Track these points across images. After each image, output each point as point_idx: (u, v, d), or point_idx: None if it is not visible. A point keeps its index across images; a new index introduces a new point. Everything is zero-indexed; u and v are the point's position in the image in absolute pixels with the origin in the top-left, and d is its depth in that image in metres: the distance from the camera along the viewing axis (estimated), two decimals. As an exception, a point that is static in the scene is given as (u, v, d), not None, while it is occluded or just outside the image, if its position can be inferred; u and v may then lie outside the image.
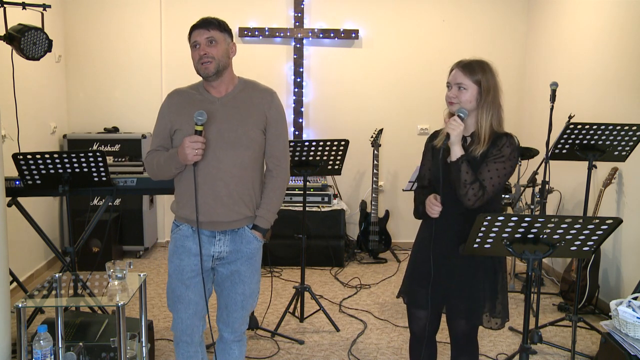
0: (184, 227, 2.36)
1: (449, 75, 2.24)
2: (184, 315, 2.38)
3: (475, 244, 2.02)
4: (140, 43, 5.38)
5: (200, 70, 2.26)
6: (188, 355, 2.46)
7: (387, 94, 5.52)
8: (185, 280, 2.35)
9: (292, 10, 5.42)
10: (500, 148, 2.15)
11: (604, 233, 1.97)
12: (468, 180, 2.10)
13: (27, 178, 3.06)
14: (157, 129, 2.38)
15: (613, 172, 3.86)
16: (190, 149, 2.18)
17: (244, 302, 2.42)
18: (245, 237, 2.37)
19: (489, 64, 2.22)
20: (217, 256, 2.36)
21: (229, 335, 2.47)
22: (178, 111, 2.32)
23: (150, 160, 2.37)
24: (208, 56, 2.23)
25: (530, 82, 5.47)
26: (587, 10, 4.43)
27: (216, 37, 2.24)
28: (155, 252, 5.44)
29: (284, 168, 2.43)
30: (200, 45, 2.24)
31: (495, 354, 3.40)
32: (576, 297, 3.31)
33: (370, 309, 4.11)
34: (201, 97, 2.33)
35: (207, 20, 2.26)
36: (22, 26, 3.05)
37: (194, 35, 2.26)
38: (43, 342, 2.19)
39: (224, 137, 2.27)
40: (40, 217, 4.44)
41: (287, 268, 4.97)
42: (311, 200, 5.14)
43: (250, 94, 2.36)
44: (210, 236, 2.34)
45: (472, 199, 2.11)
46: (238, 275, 2.38)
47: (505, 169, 2.14)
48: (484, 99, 2.17)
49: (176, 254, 2.37)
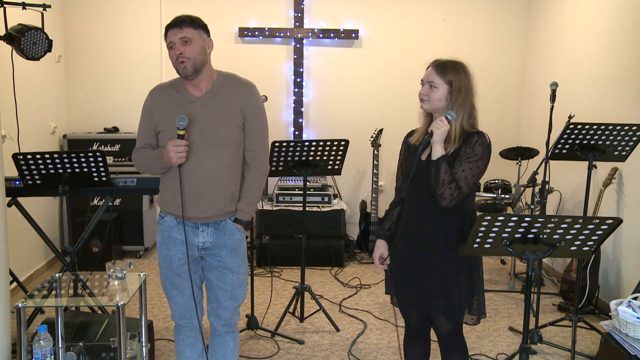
0: (168, 219, 2.42)
1: (425, 72, 2.27)
2: (180, 300, 2.45)
3: (475, 244, 2.03)
4: (140, 43, 5.38)
5: (178, 70, 2.29)
6: (189, 342, 2.50)
7: (387, 94, 5.52)
8: (175, 269, 2.42)
9: (292, 10, 5.42)
10: (473, 146, 2.17)
11: (604, 233, 1.97)
12: (446, 180, 2.13)
13: (27, 178, 3.06)
14: (142, 126, 2.44)
15: (613, 172, 3.86)
16: (174, 153, 2.24)
17: (234, 292, 2.46)
18: (228, 229, 2.42)
19: (464, 65, 2.24)
20: (202, 246, 2.41)
21: (221, 328, 2.51)
22: (161, 110, 2.37)
23: (137, 158, 2.43)
24: (184, 56, 2.24)
25: (530, 82, 5.47)
26: (587, 11, 4.43)
27: (190, 35, 2.25)
28: (155, 252, 5.44)
29: (262, 161, 2.47)
30: (175, 45, 2.26)
31: (495, 354, 3.40)
32: (576, 297, 3.31)
33: (370, 309, 4.11)
34: (181, 96, 2.36)
35: (180, 19, 2.27)
36: (22, 26, 3.05)
37: (169, 35, 2.28)
38: (43, 342, 2.19)
39: (206, 137, 2.31)
40: (40, 217, 4.44)
41: (287, 268, 4.97)
42: (311, 200, 5.14)
43: (229, 90, 2.37)
44: (194, 227, 2.39)
45: (449, 198, 2.14)
46: (225, 266, 2.42)
47: (479, 167, 2.18)
48: (454, 99, 2.20)
49: (163, 244, 2.43)
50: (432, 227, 2.24)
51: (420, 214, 2.26)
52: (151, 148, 2.42)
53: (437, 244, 2.23)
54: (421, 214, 2.26)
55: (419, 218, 2.26)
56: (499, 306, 4.18)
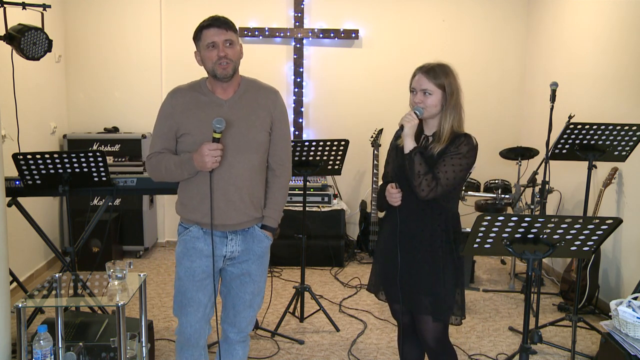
0: (193, 229, 2.32)
1: (412, 80, 2.29)
2: (193, 319, 2.36)
3: (475, 244, 2.03)
4: (140, 43, 5.38)
5: (217, 71, 2.22)
6: (193, 359, 2.44)
7: (387, 94, 5.52)
8: (197, 282, 2.32)
9: (292, 10, 5.42)
10: (458, 146, 2.22)
11: (604, 233, 1.97)
12: (421, 171, 2.18)
13: (27, 178, 3.06)
14: (161, 130, 2.31)
15: (613, 172, 3.86)
16: (210, 157, 2.15)
17: (252, 301, 2.42)
18: (257, 236, 2.37)
19: (450, 67, 2.27)
20: (229, 256, 2.35)
21: (234, 336, 2.46)
22: (184, 113, 2.27)
23: (156, 164, 2.29)
24: (228, 58, 2.20)
25: (530, 82, 5.47)
26: (587, 11, 4.43)
27: (233, 38, 2.23)
28: (155, 252, 5.44)
29: (288, 168, 2.44)
30: (219, 46, 2.20)
31: (495, 354, 3.40)
32: (576, 297, 3.31)
33: (370, 309, 4.11)
34: (207, 99, 2.29)
35: (224, 20, 2.23)
36: (22, 26, 3.05)
37: (209, 34, 2.21)
38: (43, 342, 2.19)
39: (235, 141, 2.26)
40: (40, 217, 4.44)
41: (287, 268, 4.97)
42: (311, 200, 5.14)
43: (255, 94, 2.34)
44: (222, 237, 2.32)
45: (426, 189, 2.17)
46: (248, 275, 2.38)
47: (461, 165, 2.20)
48: (448, 102, 2.24)
49: (187, 255, 2.33)
50: (418, 225, 2.27)
51: (405, 213, 2.29)
52: (170, 153, 2.30)
53: (422, 243, 2.27)
54: (407, 212, 2.29)
55: (404, 216, 2.29)
56: (499, 306, 4.18)
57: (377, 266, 2.47)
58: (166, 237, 5.64)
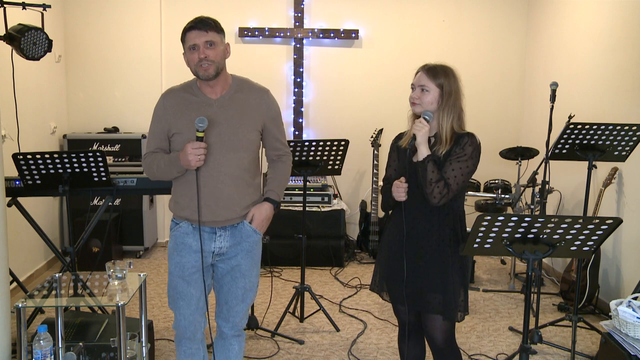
0: (183, 225, 2.39)
1: (414, 77, 2.33)
2: (186, 312, 2.40)
3: (475, 244, 2.03)
4: (140, 43, 5.38)
5: (199, 73, 2.26)
6: (190, 352, 2.47)
7: (387, 94, 5.52)
8: (187, 277, 2.38)
9: (292, 10, 5.42)
10: (463, 147, 2.24)
11: (604, 233, 1.97)
12: (434, 179, 2.19)
13: (27, 178, 3.06)
14: (154, 130, 2.39)
15: (613, 172, 3.86)
16: (193, 155, 2.20)
17: (244, 296, 2.45)
18: (245, 232, 2.40)
19: (453, 69, 2.31)
20: (218, 252, 2.39)
21: (229, 331, 2.49)
22: (175, 113, 2.33)
23: (149, 163, 2.37)
24: (208, 60, 2.23)
25: (530, 82, 5.47)
26: (587, 11, 4.43)
27: (214, 39, 2.24)
28: (155, 252, 5.44)
29: (287, 152, 2.54)
30: (199, 48, 2.23)
31: (495, 354, 3.40)
32: (576, 297, 3.31)
33: (370, 309, 4.11)
34: (197, 99, 2.33)
35: (204, 21, 2.24)
36: (22, 26, 3.05)
37: (191, 36, 2.24)
38: (43, 342, 2.19)
39: (224, 140, 2.30)
40: (40, 217, 4.44)
41: (287, 268, 4.97)
42: (311, 200, 5.14)
43: (246, 94, 2.38)
44: (210, 232, 2.37)
45: (438, 196, 2.19)
46: (239, 270, 2.41)
47: (468, 167, 2.23)
48: (445, 102, 2.26)
49: (176, 251, 2.39)
50: (426, 226, 2.29)
51: (413, 214, 2.30)
52: (164, 152, 2.38)
53: (431, 242, 2.28)
54: (415, 214, 2.30)
55: (412, 218, 2.30)
56: (499, 306, 4.18)
57: (380, 266, 2.47)
58: (166, 237, 5.64)
